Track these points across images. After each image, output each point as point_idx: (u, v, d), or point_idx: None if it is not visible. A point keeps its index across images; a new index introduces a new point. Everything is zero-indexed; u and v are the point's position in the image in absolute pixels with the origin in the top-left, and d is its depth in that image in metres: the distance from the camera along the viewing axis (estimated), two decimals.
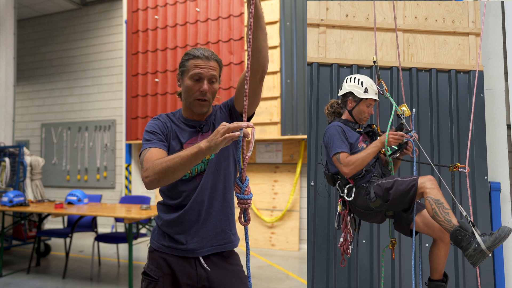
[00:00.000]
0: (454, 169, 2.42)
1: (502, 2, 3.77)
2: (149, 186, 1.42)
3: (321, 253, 3.35)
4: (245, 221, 1.24)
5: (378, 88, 2.53)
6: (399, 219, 2.44)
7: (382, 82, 2.54)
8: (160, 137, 1.57)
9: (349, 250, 2.56)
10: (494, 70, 3.66)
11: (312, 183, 3.43)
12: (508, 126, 3.64)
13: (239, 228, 1.72)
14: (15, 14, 6.80)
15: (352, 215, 2.55)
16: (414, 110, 2.53)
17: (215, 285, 1.57)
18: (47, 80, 8.58)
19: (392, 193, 2.24)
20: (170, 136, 1.60)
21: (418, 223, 2.34)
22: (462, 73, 3.65)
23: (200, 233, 1.57)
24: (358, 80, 2.51)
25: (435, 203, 2.11)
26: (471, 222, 2.04)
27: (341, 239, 2.57)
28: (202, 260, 1.58)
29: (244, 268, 1.65)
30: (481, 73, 3.52)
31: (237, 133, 1.16)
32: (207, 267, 1.58)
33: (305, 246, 5.71)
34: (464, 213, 2.10)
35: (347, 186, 2.43)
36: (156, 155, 1.48)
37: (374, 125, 2.56)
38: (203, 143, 1.27)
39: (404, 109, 2.45)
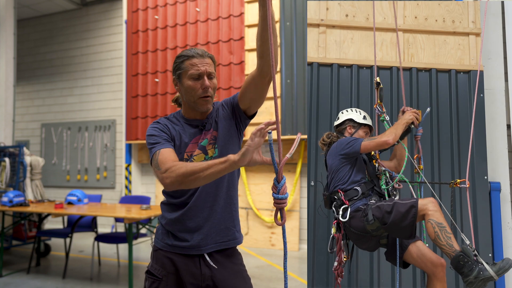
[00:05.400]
0: (455, 186, 2.40)
1: (502, 2, 3.77)
2: (169, 187, 1.40)
3: (321, 253, 3.35)
4: (282, 220, 1.23)
5: (377, 109, 2.54)
6: (392, 248, 2.41)
7: (382, 104, 2.55)
8: (165, 137, 1.56)
9: (343, 274, 2.54)
10: (494, 70, 3.66)
11: (312, 183, 3.43)
12: (508, 126, 3.64)
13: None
14: (15, 14, 6.80)
15: (345, 240, 2.49)
16: (428, 109, 2.56)
17: (219, 284, 1.58)
18: (47, 80, 8.58)
19: (392, 216, 2.20)
20: (174, 136, 1.60)
21: (411, 253, 2.31)
22: (462, 73, 3.65)
23: (204, 230, 1.58)
24: (356, 110, 2.67)
25: (438, 226, 2.08)
26: (475, 250, 2.01)
27: (335, 263, 2.53)
28: (207, 257, 1.59)
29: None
30: (481, 73, 3.52)
31: (262, 129, 1.19)
32: (213, 265, 1.59)
33: (305, 246, 5.71)
34: (468, 242, 2.07)
35: (342, 207, 2.39)
36: (169, 155, 1.47)
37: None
38: (232, 155, 1.26)
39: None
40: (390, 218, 2.20)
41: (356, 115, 2.63)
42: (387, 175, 2.45)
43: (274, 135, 1.19)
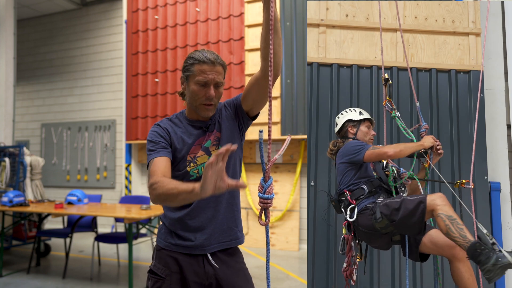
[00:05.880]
0: (461, 186, 2.35)
1: (502, 2, 3.77)
2: (154, 202, 1.44)
3: (321, 253, 3.35)
4: (265, 220, 1.24)
5: (386, 106, 2.53)
6: (405, 244, 2.37)
7: (391, 101, 2.53)
8: (162, 145, 1.56)
9: (354, 277, 2.52)
10: (494, 70, 3.66)
11: (312, 183, 3.44)
12: (508, 126, 3.64)
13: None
14: (15, 14, 6.79)
15: (357, 241, 2.49)
16: (418, 103, 2.52)
17: (222, 282, 1.60)
18: (47, 80, 8.58)
19: (401, 213, 2.17)
20: (174, 140, 1.60)
21: (425, 244, 2.29)
22: (462, 73, 3.65)
23: (207, 230, 1.59)
24: (350, 109, 2.66)
25: (448, 219, 2.03)
26: (493, 238, 1.94)
27: (344, 264, 2.53)
28: (210, 257, 1.61)
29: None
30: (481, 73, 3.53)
31: (213, 159, 1.11)
32: (215, 264, 1.60)
33: (305, 246, 5.71)
34: (485, 231, 1.99)
35: (349, 207, 2.39)
36: (159, 166, 1.48)
37: None
38: (198, 185, 1.20)
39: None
40: (399, 215, 2.17)
41: (352, 114, 2.63)
42: (395, 171, 2.44)
43: (265, 135, 1.19)
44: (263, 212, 1.22)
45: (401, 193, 2.40)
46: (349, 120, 2.62)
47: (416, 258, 2.36)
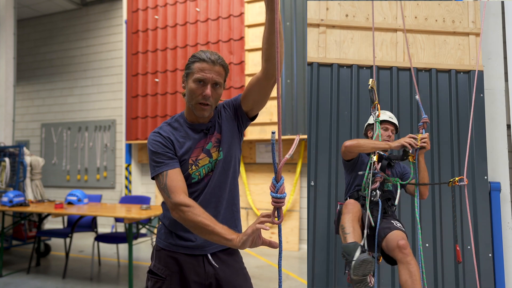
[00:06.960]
0: (454, 184, 2.32)
1: (502, 2, 3.77)
2: (174, 217, 1.46)
3: (321, 253, 3.35)
4: (278, 219, 1.27)
5: (371, 110, 2.55)
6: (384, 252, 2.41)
7: (378, 105, 2.55)
8: (169, 155, 1.54)
9: (372, 280, 2.54)
10: (494, 70, 3.66)
11: (312, 183, 3.43)
12: (508, 126, 3.64)
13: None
14: (15, 14, 6.80)
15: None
16: (417, 96, 2.47)
17: (222, 281, 1.61)
18: (47, 80, 8.58)
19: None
20: (177, 147, 1.59)
21: (383, 245, 2.30)
22: (462, 73, 3.65)
23: None
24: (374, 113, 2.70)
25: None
26: (359, 246, 1.90)
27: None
28: (210, 257, 1.62)
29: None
30: (481, 73, 3.52)
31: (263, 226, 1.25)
32: (215, 264, 1.61)
33: (305, 246, 5.71)
34: (365, 231, 1.98)
35: None
36: (177, 182, 1.49)
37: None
38: (237, 238, 1.30)
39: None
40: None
41: (372, 118, 2.67)
42: (368, 178, 2.40)
43: (277, 135, 1.21)
44: (276, 211, 1.25)
45: (372, 198, 2.38)
46: (368, 124, 2.68)
47: (387, 260, 2.36)
